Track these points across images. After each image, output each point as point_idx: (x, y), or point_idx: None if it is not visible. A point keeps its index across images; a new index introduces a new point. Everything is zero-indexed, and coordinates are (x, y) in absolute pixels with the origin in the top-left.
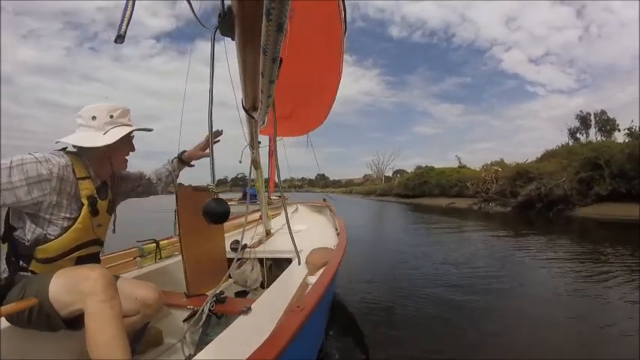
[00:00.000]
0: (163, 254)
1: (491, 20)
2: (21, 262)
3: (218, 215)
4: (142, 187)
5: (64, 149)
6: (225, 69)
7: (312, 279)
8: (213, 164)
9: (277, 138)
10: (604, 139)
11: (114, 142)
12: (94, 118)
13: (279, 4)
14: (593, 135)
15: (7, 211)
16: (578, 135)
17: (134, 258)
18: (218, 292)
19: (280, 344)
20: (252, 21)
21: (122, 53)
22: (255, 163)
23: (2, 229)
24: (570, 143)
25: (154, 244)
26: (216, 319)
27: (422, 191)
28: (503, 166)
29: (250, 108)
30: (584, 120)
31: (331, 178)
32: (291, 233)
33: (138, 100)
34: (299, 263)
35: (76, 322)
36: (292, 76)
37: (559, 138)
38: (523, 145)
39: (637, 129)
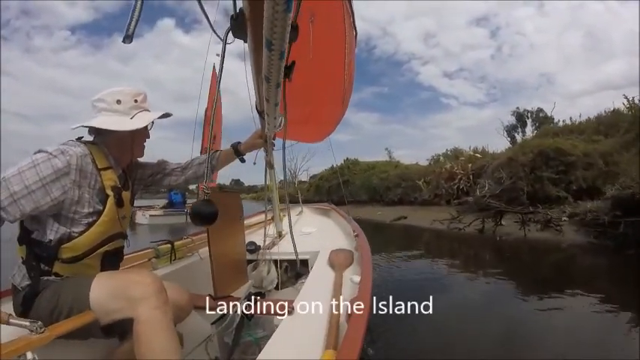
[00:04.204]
0: (178, 255)
1: (411, 36)
2: (42, 265)
3: (205, 216)
4: (162, 174)
5: (79, 139)
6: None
7: (357, 278)
8: (208, 164)
9: (292, 142)
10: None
11: (139, 128)
12: (118, 102)
13: (280, 36)
14: (530, 133)
15: None
16: (514, 133)
17: (149, 259)
18: (248, 293)
19: (359, 341)
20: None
21: (33, 44)
22: (270, 165)
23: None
24: (508, 141)
25: (169, 245)
26: (247, 320)
27: (342, 195)
28: (484, 154)
29: (264, 110)
30: (520, 117)
31: (246, 184)
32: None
33: (44, 97)
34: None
35: (111, 330)
36: (312, 80)
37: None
38: (436, 152)
39: None
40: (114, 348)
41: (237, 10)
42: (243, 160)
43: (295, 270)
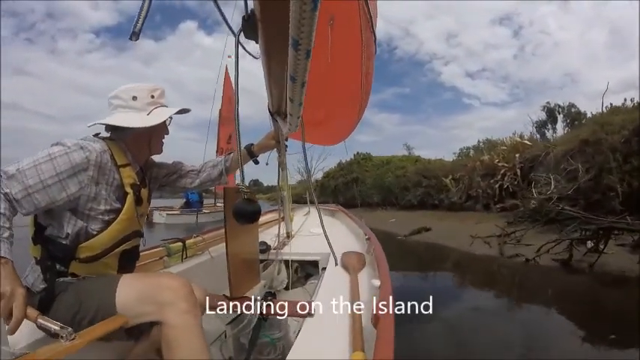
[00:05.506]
0: (189, 253)
1: (433, 35)
2: (58, 266)
3: (249, 215)
4: (178, 174)
5: (96, 135)
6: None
7: (377, 282)
8: (242, 164)
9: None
10: None
11: (157, 124)
12: (134, 98)
13: (307, 35)
14: (561, 130)
15: None
16: (544, 130)
17: (161, 257)
18: (264, 293)
19: (391, 343)
20: (276, 23)
21: (58, 46)
22: (282, 165)
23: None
24: (537, 138)
25: (181, 244)
26: (263, 321)
27: (349, 196)
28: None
29: (276, 111)
30: (551, 112)
31: (265, 184)
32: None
33: (67, 98)
34: (335, 264)
35: (133, 332)
36: (326, 83)
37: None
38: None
39: None
40: (129, 348)
41: (249, 11)
42: (256, 162)
43: (305, 271)
